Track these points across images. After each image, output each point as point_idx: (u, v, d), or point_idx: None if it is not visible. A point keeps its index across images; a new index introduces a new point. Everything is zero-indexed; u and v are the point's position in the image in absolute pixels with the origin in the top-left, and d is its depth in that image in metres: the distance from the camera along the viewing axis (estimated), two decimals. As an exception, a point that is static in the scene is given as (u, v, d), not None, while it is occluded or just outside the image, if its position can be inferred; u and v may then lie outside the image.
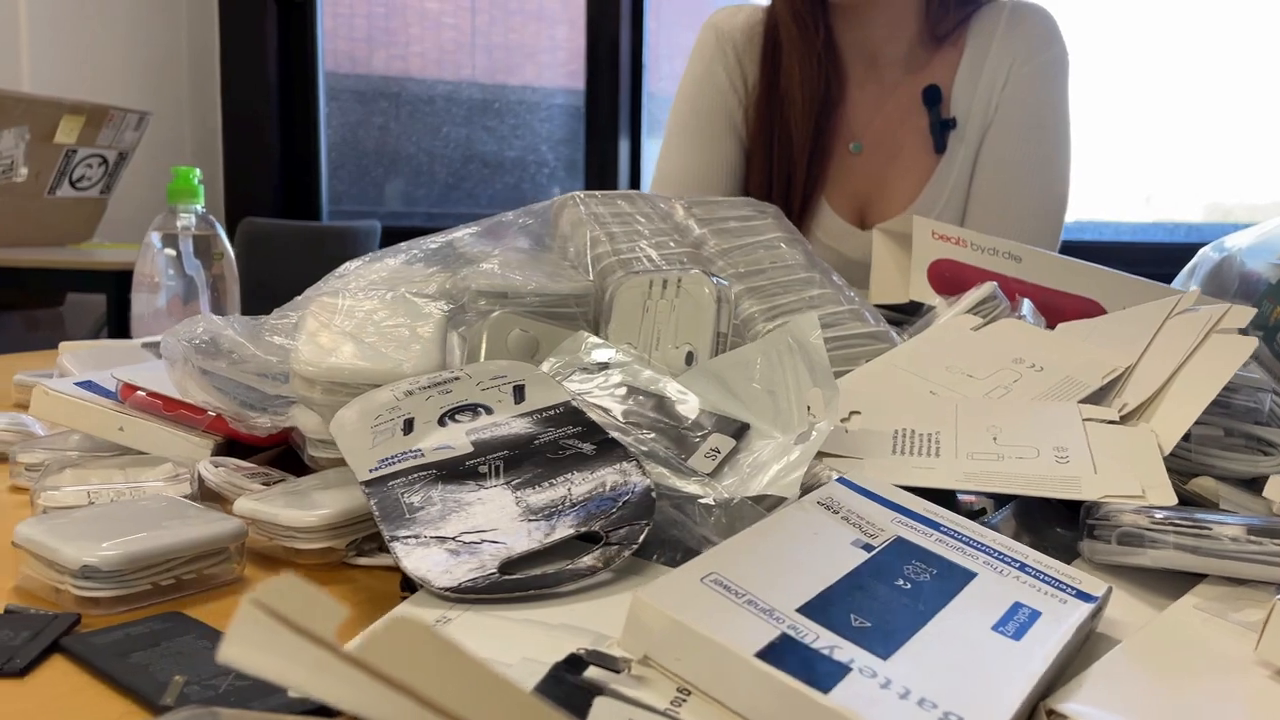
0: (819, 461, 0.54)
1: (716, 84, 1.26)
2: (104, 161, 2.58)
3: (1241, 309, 0.63)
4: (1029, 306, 0.76)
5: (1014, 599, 0.41)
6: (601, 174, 2.95)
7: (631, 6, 2.87)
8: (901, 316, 0.81)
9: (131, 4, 3.04)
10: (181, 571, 0.49)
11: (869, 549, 0.43)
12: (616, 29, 2.87)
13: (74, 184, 2.54)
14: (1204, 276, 0.95)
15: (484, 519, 0.46)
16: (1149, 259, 2.24)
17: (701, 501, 0.49)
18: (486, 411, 0.54)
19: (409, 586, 0.46)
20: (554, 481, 0.48)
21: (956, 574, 0.43)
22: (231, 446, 0.66)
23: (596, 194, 0.80)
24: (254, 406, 0.63)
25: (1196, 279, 0.95)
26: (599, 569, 0.44)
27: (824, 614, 0.38)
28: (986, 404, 0.61)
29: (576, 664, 0.36)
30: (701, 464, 0.52)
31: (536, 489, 0.48)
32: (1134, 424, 0.58)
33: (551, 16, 3.20)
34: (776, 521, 0.44)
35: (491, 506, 0.47)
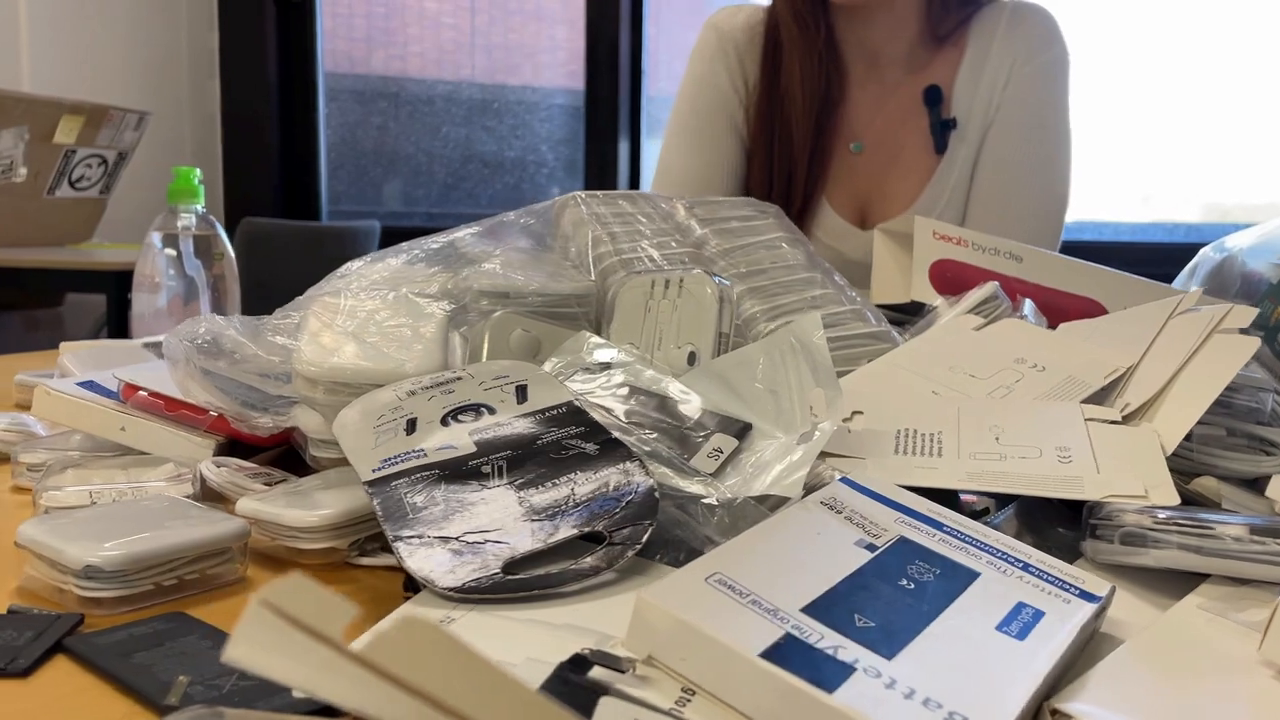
0: (821, 461, 0.54)
1: (717, 84, 1.26)
2: (103, 161, 2.58)
3: (1243, 309, 0.63)
4: (1030, 306, 0.76)
5: (1017, 599, 0.41)
6: (601, 174, 2.95)
7: (631, 7, 2.87)
8: (903, 316, 0.81)
9: (131, 4, 3.04)
10: (184, 571, 0.49)
11: (872, 549, 0.43)
12: (616, 29, 2.87)
13: (73, 184, 2.54)
14: (1205, 276, 0.95)
15: (487, 519, 0.46)
16: (1148, 259, 2.24)
17: (704, 501, 0.49)
18: (489, 411, 0.54)
19: (412, 587, 0.46)
20: (557, 481, 0.48)
21: (960, 574, 0.43)
22: (233, 447, 0.66)
23: (598, 194, 0.80)
24: (256, 406, 0.63)
25: (1197, 279, 0.95)
26: (602, 569, 0.44)
27: (828, 614, 0.38)
28: (989, 404, 0.61)
29: (581, 664, 0.36)
30: (704, 464, 0.52)
31: (540, 489, 0.48)
32: (1136, 424, 0.58)
33: (551, 16, 3.20)
34: (780, 521, 0.44)
35: (495, 506, 0.47)
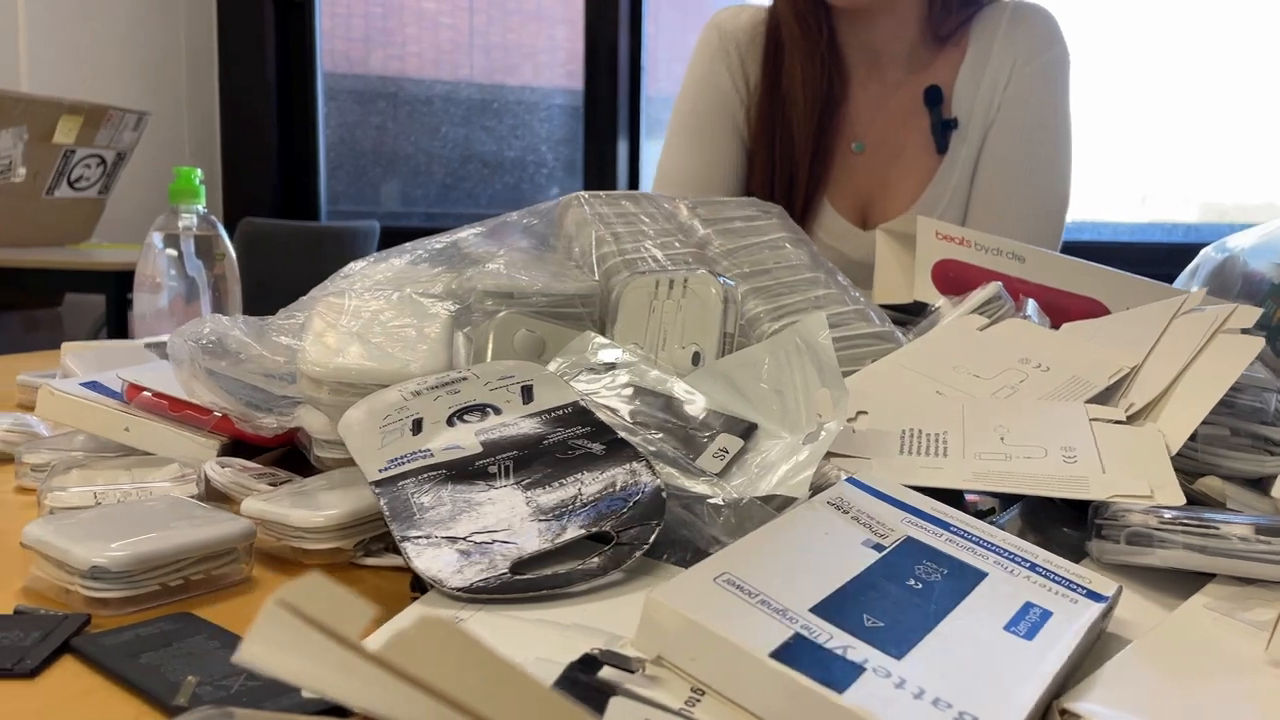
0: (827, 461, 0.54)
1: (719, 84, 1.26)
2: (102, 162, 2.58)
3: (1247, 309, 0.63)
4: (1034, 306, 0.76)
5: (1025, 599, 0.41)
6: (600, 175, 2.95)
7: (630, 7, 2.87)
8: (905, 317, 0.81)
9: (130, 4, 3.04)
10: (190, 572, 0.49)
11: (880, 549, 0.43)
12: (615, 30, 2.87)
13: (72, 184, 2.54)
14: (1206, 276, 0.95)
15: (494, 519, 0.46)
16: (1147, 259, 2.24)
17: (710, 501, 0.49)
18: (495, 412, 0.54)
19: (419, 587, 0.46)
20: (564, 481, 0.48)
21: (967, 574, 0.43)
22: (237, 447, 0.66)
23: (601, 194, 0.80)
24: (260, 407, 0.63)
25: (1199, 279, 0.95)
26: (610, 569, 0.44)
27: (837, 614, 0.38)
28: (993, 404, 0.61)
29: (591, 664, 0.36)
30: (710, 464, 0.52)
31: (546, 489, 0.48)
32: (1141, 424, 0.58)
33: (550, 17, 3.20)
34: (787, 522, 0.44)
35: (502, 506, 0.47)
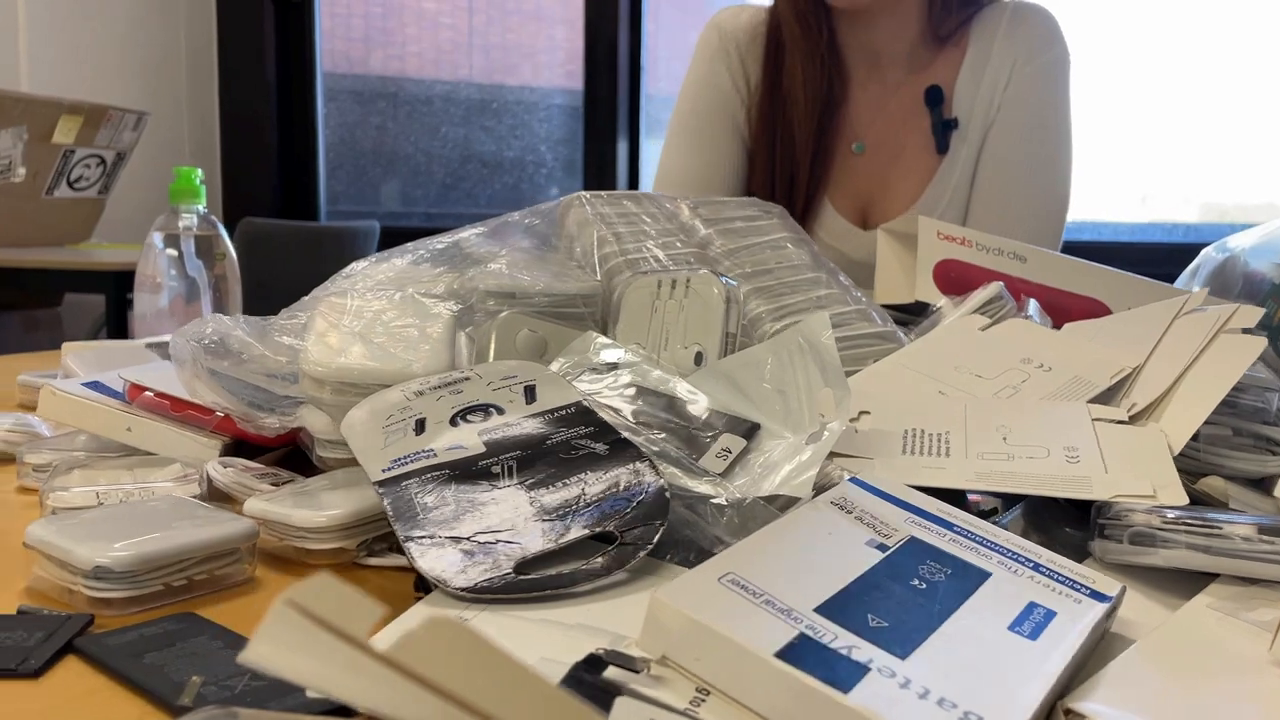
0: (829, 461, 0.54)
1: (719, 84, 1.26)
2: (102, 162, 2.58)
3: (1249, 309, 0.63)
4: (1035, 306, 0.76)
5: (1029, 599, 0.41)
6: (600, 174, 2.95)
7: (630, 7, 2.87)
8: (907, 317, 0.81)
9: (130, 4, 3.04)
10: (193, 572, 0.49)
11: (883, 549, 0.43)
12: (615, 30, 2.87)
13: (72, 184, 2.53)
14: (1207, 276, 0.95)
15: (498, 519, 0.46)
16: (1147, 259, 2.24)
17: (714, 501, 0.49)
18: (498, 412, 0.54)
19: (423, 587, 0.46)
20: (567, 481, 0.48)
21: (971, 574, 0.43)
22: (239, 447, 0.66)
23: (602, 194, 0.80)
24: (262, 407, 0.63)
25: (1199, 279, 0.95)
26: (614, 569, 0.44)
27: (841, 614, 0.38)
28: (996, 404, 0.61)
29: (596, 664, 0.36)
30: (713, 464, 0.52)
31: (550, 489, 0.48)
32: (1143, 424, 0.58)
33: (549, 16, 3.20)
34: (791, 522, 0.44)
35: (505, 506, 0.47)
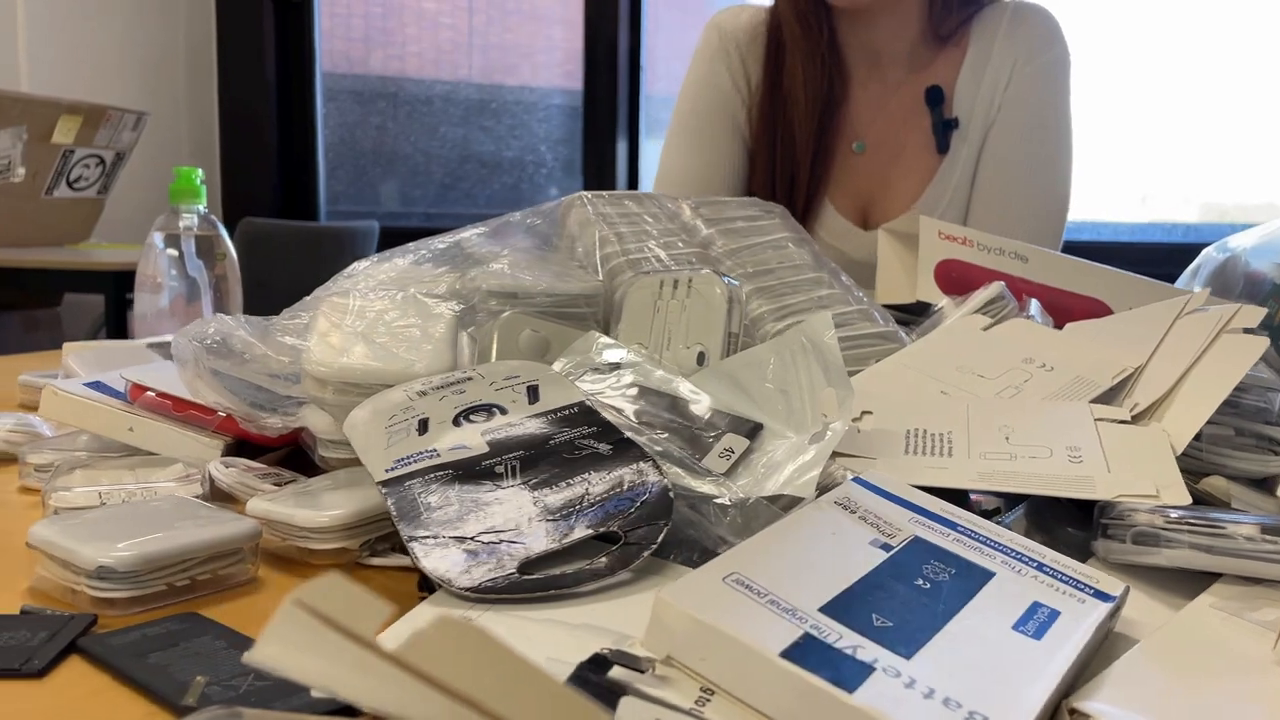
0: (832, 461, 0.54)
1: (719, 84, 1.26)
2: (101, 162, 2.57)
3: (1252, 309, 0.63)
4: (1037, 306, 0.76)
5: (1033, 598, 0.41)
6: (599, 174, 2.95)
7: (629, 7, 2.87)
8: (908, 317, 0.81)
9: (129, 4, 3.04)
10: (196, 572, 0.48)
11: (887, 549, 0.43)
12: (614, 29, 2.87)
13: (71, 184, 2.53)
14: (1207, 276, 0.95)
15: (502, 519, 0.46)
16: (1147, 259, 2.24)
17: (717, 501, 0.49)
18: (501, 412, 0.54)
19: (427, 587, 0.46)
20: (571, 481, 0.48)
21: (975, 574, 0.43)
22: (240, 447, 0.66)
23: (604, 194, 0.80)
24: (264, 407, 0.63)
25: (1200, 279, 0.95)
26: (618, 569, 0.44)
27: (846, 613, 0.38)
28: (998, 404, 0.61)
29: (601, 664, 0.36)
30: (716, 464, 0.52)
31: (554, 489, 0.48)
32: (1145, 424, 0.58)
33: (548, 16, 3.20)
34: (795, 521, 0.44)
35: (509, 506, 0.47)
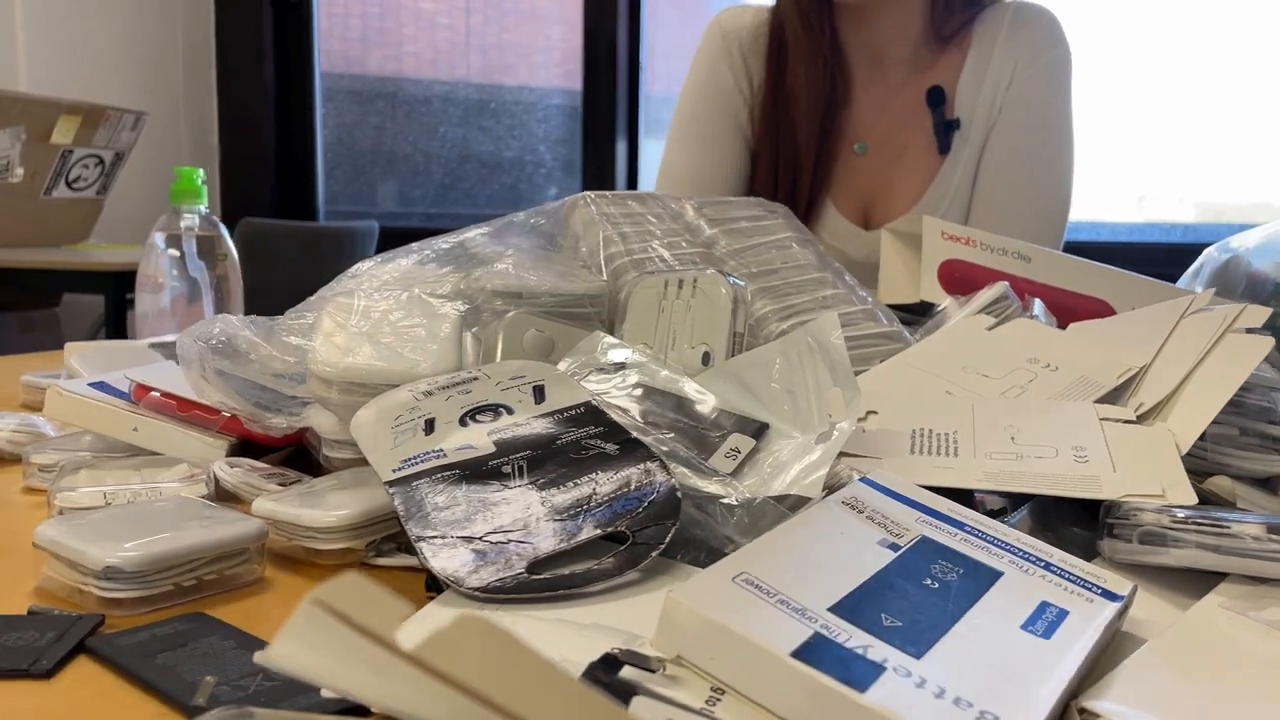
0: (838, 461, 0.54)
1: (721, 84, 1.26)
2: (100, 162, 2.57)
3: (1256, 309, 0.63)
4: (1040, 306, 0.76)
5: (1041, 598, 0.41)
6: (599, 174, 2.95)
7: (629, 7, 2.87)
8: (911, 317, 0.81)
9: (128, 4, 3.03)
10: (203, 572, 0.48)
11: (895, 548, 0.43)
12: (614, 29, 2.86)
13: (70, 184, 2.53)
14: (1209, 276, 0.95)
15: (509, 519, 0.46)
16: (1146, 259, 2.24)
17: (724, 501, 0.49)
18: (507, 412, 0.54)
19: (435, 587, 0.46)
20: (578, 481, 0.48)
21: (983, 573, 0.43)
22: (245, 447, 0.66)
23: (607, 194, 0.80)
24: (269, 407, 0.63)
25: (1202, 279, 0.96)
26: (626, 569, 0.44)
27: (855, 613, 0.38)
28: (1003, 403, 0.61)
29: (611, 663, 0.36)
30: (722, 464, 0.52)
31: (561, 489, 0.48)
32: (1150, 424, 0.58)
33: (547, 16, 3.20)
34: (803, 521, 0.44)
35: (516, 506, 0.47)
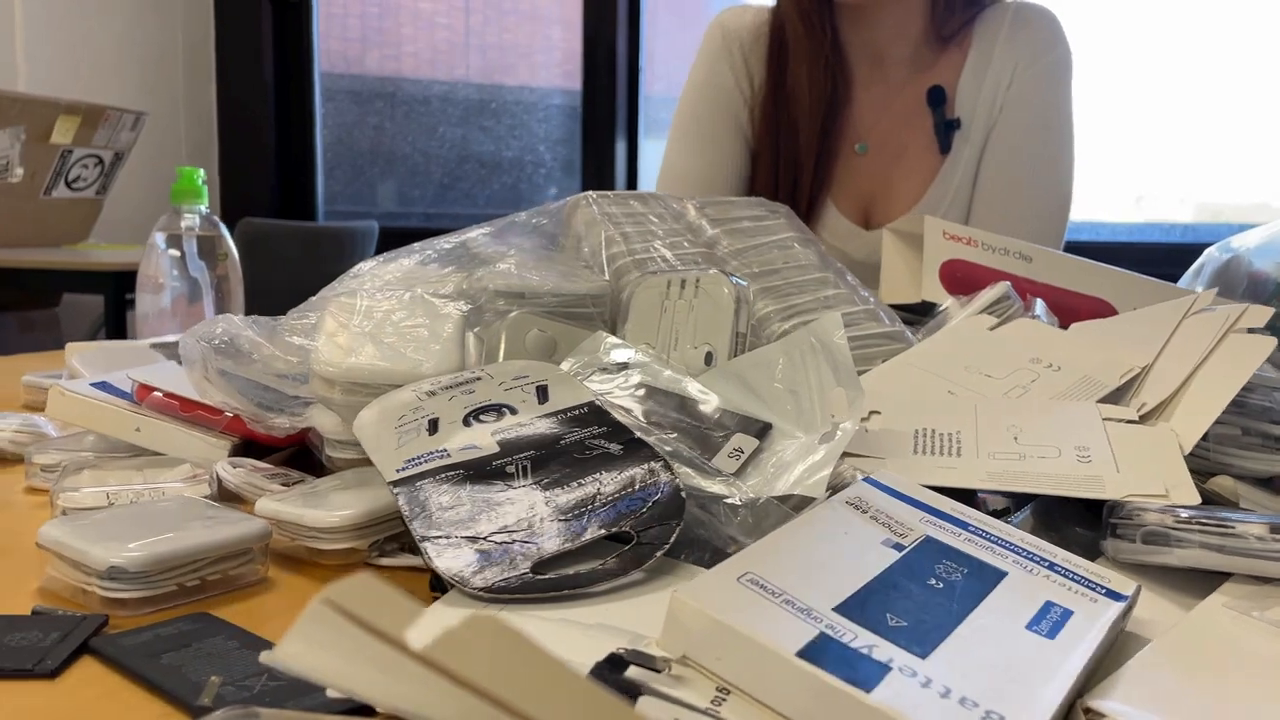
0: (841, 461, 0.54)
1: (722, 84, 1.26)
2: (100, 162, 2.57)
3: (1258, 309, 0.63)
4: (1042, 306, 0.76)
5: (1045, 598, 0.41)
6: (599, 174, 2.95)
7: (628, 7, 2.87)
8: (913, 317, 0.82)
9: (127, 4, 3.03)
10: (207, 572, 0.48)
11: (899, 548, 0.43)
12: (613, 29, 2.86)
13: (70, 184, 2.53)
14: (1210, 276, 0.95)
15: (514, 519, 0.46)
16: (1145, 259, 2.24)
17: (727, 501, 0.49)
18: (511, 412, 0.54)
19: (439, 587, 0.46)
20: (582, 481, 0.48)
21: (987, 573, 0.43)
22: (247, 447, 0.66)
23: (609, 194, 0.80)
24: (272, 407, 0.62)
25: (1203, 279, 0.96)
26: (630, 569, 0.44)
27: (860, 613, 0.38)
28: (1006, 403, 0.61)
29: (617, 663, 0.36)
30: (725, 464, 0.52)
31: (565, 489, 0.48)
32: (1153, 423, 0.58)
33: (546, 16, 3.20)
34: (807, 521, 0.44)
35: (521, 506, 0.47)
